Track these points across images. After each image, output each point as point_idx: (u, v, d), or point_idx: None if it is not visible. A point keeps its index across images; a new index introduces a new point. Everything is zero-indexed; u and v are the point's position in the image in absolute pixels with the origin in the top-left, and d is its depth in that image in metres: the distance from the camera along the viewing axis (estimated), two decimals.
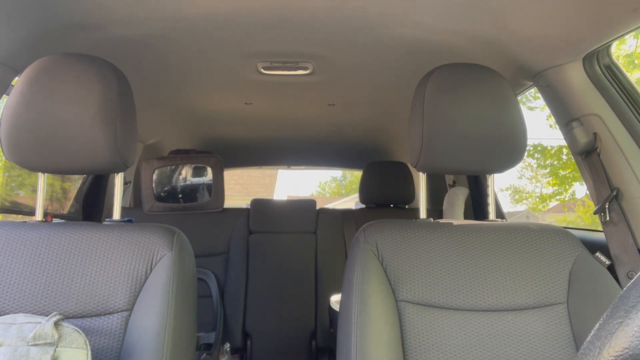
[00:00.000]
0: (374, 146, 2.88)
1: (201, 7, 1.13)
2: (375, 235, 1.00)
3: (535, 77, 1.33)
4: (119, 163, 0.97)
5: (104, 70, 0.94)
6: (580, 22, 1.06)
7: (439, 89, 1.00)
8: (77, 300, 0.89)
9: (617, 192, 1.18)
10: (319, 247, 2.37)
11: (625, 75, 1.22)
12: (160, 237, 0.95)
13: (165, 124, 2.37)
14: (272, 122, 2.38)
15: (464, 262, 0.98)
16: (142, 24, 1.21)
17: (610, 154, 1.19)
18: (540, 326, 0.94)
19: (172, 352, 0.86)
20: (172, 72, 1.62)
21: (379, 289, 0.94)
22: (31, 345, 0.72)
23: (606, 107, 1.19)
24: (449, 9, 1.11)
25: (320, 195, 28.78)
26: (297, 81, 1.72)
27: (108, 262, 0.92)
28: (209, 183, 2.40)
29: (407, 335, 0.92)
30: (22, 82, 0.92)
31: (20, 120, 0.90)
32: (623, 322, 0.35)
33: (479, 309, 0.95)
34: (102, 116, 0.91)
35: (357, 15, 1.17)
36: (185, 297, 0.93)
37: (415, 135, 1.01)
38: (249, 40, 1.35)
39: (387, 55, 1.46)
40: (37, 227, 0.97)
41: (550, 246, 1.01)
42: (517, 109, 1.02)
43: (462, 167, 1.03)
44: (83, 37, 1.23)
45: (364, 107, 2.08)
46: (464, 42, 1.28)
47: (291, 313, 2.31)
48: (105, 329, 0.88)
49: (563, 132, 1.32)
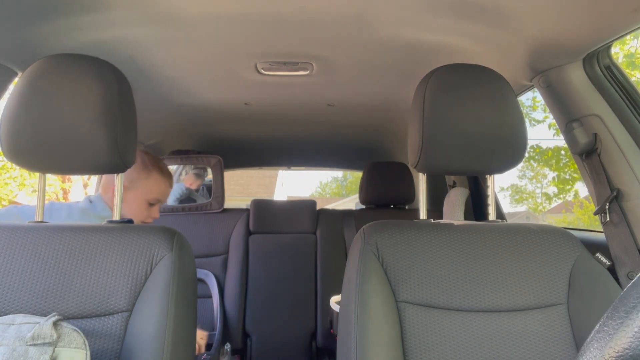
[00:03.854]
0: (374, 147, 2.88)
1: (201, 7, 1.13)
2: (375, 235, 1.00)
3: (536, 78, 1.33)
4: (119, 163, 0.97)
5: (104, 71, 0.94)
6: (580, 23, 1.06)
7: (439, 90, 1.00)
8: (77, 301, 0.89)
9: (617, 193, 1.18)
10: (319, 247, 2.37)
11: (625, 75, 1.22)
12: (160, 237, 0.95)
13: (165, 125, 2.37)
14: (272, 122, 2.38)
15: (464, 262, 0.98)
16: (142, 24, 1.21)
17: (610, 154, 1.19)
18: (541, 327, 0.94)
19: (172, 352, 0.86)
20: (172, 72, 1.62)
21: (379, 289, 0.94)
22: (30, 345, 0.72)
23: (606, 107, 1.19)
24: (449, 9, 1.11)
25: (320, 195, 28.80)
26: (297, 82, 1.72)
27: (108, 263, 0.92)
28: (209, 184, 2.40)
29: (407, 335, 0.92)
30: (22, 82, 0.92)
31: (20, 120, 0.90)
32: (623, 323, 0.35)
33: (479, 309, 0.95)
34: (102, 117, 0.91)
35: (357, 16, 1.17)
36: (185, 297, 0.93)
37: (415, 135, 1.01)
38: (249, 41, 1.35)
39: (387, 56, 1.46)
40: (37, 228, 0.97)
41: (550, 247, 1.01)
42: (517, 109, 1.02)
43: (462, 167, 1.03)
44: (83, 37, 1.23)
45: (364, 107, 2.08)
46: (464, 42, 1.28)
47: (291, 313, 2.31)
48: (105, 329, 0.88)
49: (563, 132, 1.32)
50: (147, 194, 1.41)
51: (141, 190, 1.41)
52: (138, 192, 1.40)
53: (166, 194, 1.47)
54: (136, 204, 1.41)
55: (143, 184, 1.41)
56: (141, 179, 1.40)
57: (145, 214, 1.44)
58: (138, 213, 1.42)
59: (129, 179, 1.38)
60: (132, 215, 1.40)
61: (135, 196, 1.40)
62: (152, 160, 1.44)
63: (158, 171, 1.43)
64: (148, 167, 1.42)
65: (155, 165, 1.42)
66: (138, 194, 1.40)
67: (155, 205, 1.45)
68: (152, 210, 1.45)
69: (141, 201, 1.41)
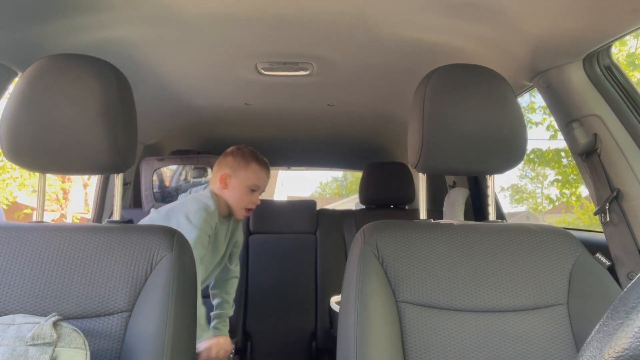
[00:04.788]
0: (374, 147, 2.88)
1: (201, 7, 1.13)
2: (375, 235, 1.00)
3: (536, 78, 1.33)
4: (119, 164, 0.97)
5: (104, 71, 0.94)
6: (581, 23, 1.06)
7: (439, 90, 0.99)
8: (77, 301, 0.89)
9: (617, 193, 1.18)
10: (319, 247, 2.37)
11: (625, 76, 1.22)
12: (160, 237, 0.95)
13: (166, 124, 2.37)
14: (272, 122, 2.38)
15: (464, 262, 0.98)
16: (142, 24, 1.21)
17: (610, 154, 1.19)
18: (541, 327, 0.94)
19: (172, 353, 0.86)
20: (172, 72, 1.62)
21: (379, 289, 0.94)
22: (30, 345, 0.72)
23: (606, 107, 1.19)
24: (448, 9, 1.11)
25: (320, 195, 28.78)
26: (297, 82, 1.72)
27: (108, 263, 0.92)
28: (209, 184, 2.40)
29: (407, 336, 0.92)
30: (22, 82, 0.92)
31: (20, 120, 0.90)
32: (623, 323, 0.35)
33: (479, 309, 0.95)
34: (102, 117, 0.91)
35: (357, 16, 1.17)
36: (185, 298, 0.93)
37: (415, 136, 1.01)
38: (249, 41, 1.35)
39: (387, 56, 1.46)
40: (37, 228, 0.97)
41: (550, 247, 1.01)
42: (517, 109, 1.02)
43: (462, 167, 1.03)
44: (83, 37, 1.23)
45: (364, 107, 2.08)
46: (464, 42, 1.28)
47: (291, 314, 2.31)
48: (105, 329, 0.88)
49: (563, 132, 1.32)
50: (247, 180, 1.61)
51: (242, 177, 1.61)
52: (239, 180, 1.61)
53: (264, 182, 1.67)
54: (239, 190, 1.61)
55: (243, 173, 1.61)
56: (241, 168, 1.61)
57: (247, 200, 1.63)
58: (240, 198, 1.62)
59: (231, 169, 1.61)
60: (235, 200, 1.62)
61: (237, 183, 1.61)
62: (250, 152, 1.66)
63: (256, 162, 1.63)
64: (247, 157, 1.63)
65: (253, 157, 1.64)
66: (239, 181, 1.61)
67: (256, 191, 1.64)
68: (253, 196, 1.64)
69: (243, 187, 1.61)
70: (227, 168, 1.61)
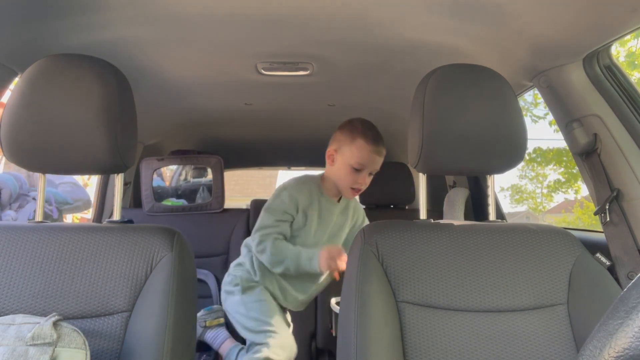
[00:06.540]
0: None
1: (201, 7, 1.13)
2: (375, 235, 1.00)
3: (536, 78, 1.33)
4: (119, 164, 0.97)
5: (104, 71, 0.94)
6: (581, 23, 1.06)
7: (439, 90, 0.99)
8: (77, 301, 0.89)
9: (617, 193, 1.18)
10: None
11: (625, 75, 1.22)
12: (161, 238, 0.95)
13: (165, 125, 2.36)
14: (272, 122, 2.38)
15: (464, 262, 0.98)
16: (142, 24, 1.21)
17: (610, 154, 1.19)
18: (541, 327, 0.94)
19: (172, 353, 0.86)
20: (172, 72, 1.61)
21: (379, 289, 0.94)
22: (30, 345, 0.72)
23: (606, 107, 1.19)
24: (448, 9, 1.11)
25: None
26: (297, 82, 1.72)
27: (108, 263, 0.92)
28: (209, 184, 2.40)
29: (408, 336, 0.92)
30: (22, 82, 0.92)
31: (20, 120, 0.90)
32: (623, 323, 0.35)
33: (479, 309, 0.95)
34: (102, 117, 0.91)
35: (357, 16, 1.17)
36: (185, 298, 0.93)
37: (415, 136, 1.01)
38: (249, 41, 1.35)
39: (387, 56, 1.45)
40: (37, 228, 0.97)
41: (550, 247, 1.01)
42: (517, 109, 1.02)
43: (462, 167, 1.03)
44: (83, 37, 1.23)
45: (364, 107, 2.08)
46: (464, 42, 1.28)
47: (291, 314, 2.31)
48: (105, 329, 0.88)
49: (563, 132, 1.32)
50: (350, 158, 1.46)
51: (346, 155, 1.47)
52: (344, 157, 1.47)
53: (372, 161, 1.48)
54: (342, 169, 1.48)
55: (347, 149, 1.46)
56: (346, 144, 1.47)
57: (351, 180, 1.48)
58: (344, 178, 1.49)
59: (338, 144, 1.48)
60: (338, 180, 1.51)
61: (341, 161, 1.48)
62: (360, 125, 1.48)
63: (362, 137, 1.45)
64: (354, 132, 1.46)
65: (360, 132, 1.46)
66: (343, 159, 1.47)
67: (361, 171, 1.47)
68: (359, 176, 1.48)
69: (346, 166, 1.47)
70: (335, 143, 1.51)
